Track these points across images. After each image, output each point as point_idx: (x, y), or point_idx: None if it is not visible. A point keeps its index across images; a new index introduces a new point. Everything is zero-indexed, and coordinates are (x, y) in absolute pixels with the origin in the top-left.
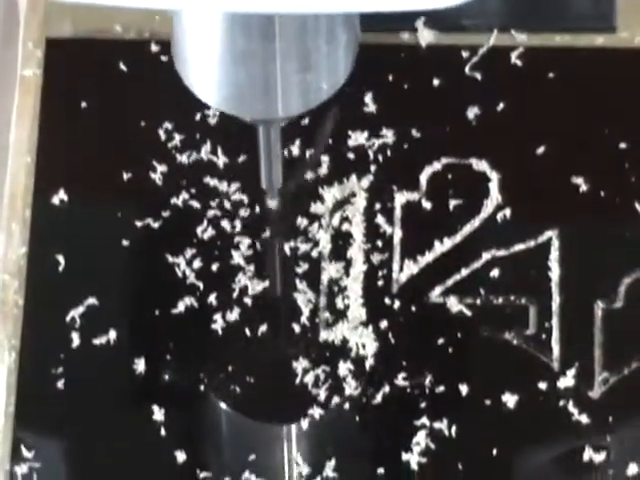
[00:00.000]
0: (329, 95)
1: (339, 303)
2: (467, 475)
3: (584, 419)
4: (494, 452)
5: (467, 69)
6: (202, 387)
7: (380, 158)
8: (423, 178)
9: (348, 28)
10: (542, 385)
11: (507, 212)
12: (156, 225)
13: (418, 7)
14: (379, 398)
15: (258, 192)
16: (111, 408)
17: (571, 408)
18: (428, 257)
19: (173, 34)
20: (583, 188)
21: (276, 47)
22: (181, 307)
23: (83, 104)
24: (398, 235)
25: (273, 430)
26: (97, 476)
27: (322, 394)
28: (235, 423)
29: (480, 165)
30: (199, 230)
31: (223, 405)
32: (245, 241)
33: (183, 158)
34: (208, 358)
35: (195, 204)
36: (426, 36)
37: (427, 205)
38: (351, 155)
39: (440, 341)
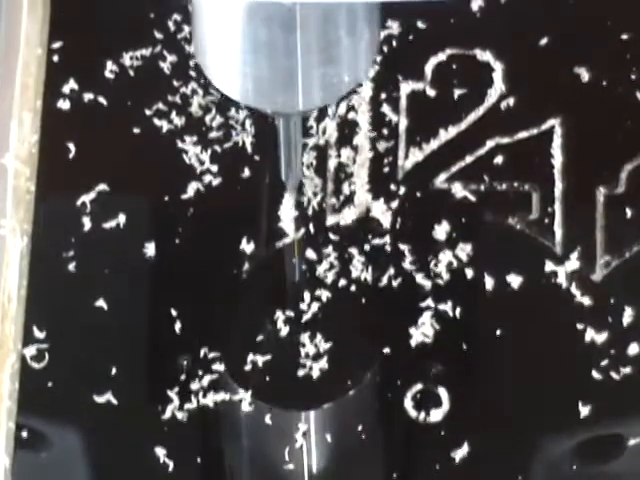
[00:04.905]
0: (349, 90)
1: (345, 189)
2: (471, 355)
3: (586, 301)
4: (497, 333)
5: None
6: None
7: (385, 49)
8: (428, 68)
9: (370, 24)
10: (545, 268)
11: (511, 101)
12: (166, 111)
13: None
14: (385, 281)
15: None
16: (123, 291)
17: (573, 290)
18: (433, 144)
19: (193, 25)
20: (585, 78)
21: (297, 39)
22: (190, 192)
23: None
24: (403, 123)
25: (279, 312)
26: (107, 344)
27: (329, 277)
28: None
29: (484, 56)
30: (207, 118)
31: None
32: (251, 130)
33: (192, 49)
34: (217, 239)
35: (200, 91)
36: None
37: (432, 94)
38: None
39: (445, 226)
